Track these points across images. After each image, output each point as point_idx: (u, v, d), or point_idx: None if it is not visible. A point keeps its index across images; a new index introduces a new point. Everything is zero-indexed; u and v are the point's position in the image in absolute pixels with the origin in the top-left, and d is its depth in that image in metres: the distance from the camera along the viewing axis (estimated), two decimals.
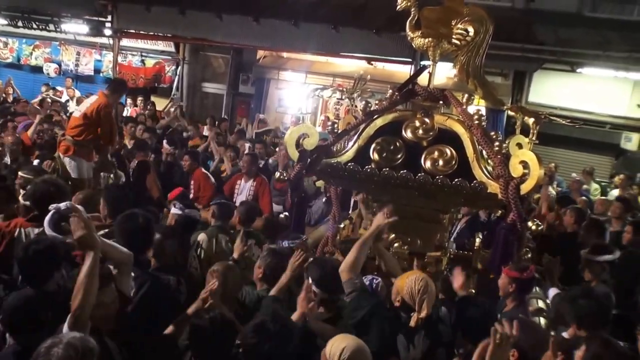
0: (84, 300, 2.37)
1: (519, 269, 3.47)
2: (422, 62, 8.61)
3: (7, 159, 5.95)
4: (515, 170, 3.39)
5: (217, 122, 10.85)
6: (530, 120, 3.68)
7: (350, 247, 3.97)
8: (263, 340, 2.46)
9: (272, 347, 2.45)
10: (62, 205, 3.16)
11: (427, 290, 3.01)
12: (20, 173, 4.67)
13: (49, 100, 10.91)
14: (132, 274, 3.19)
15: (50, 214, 3.14)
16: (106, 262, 2.76)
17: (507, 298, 3.51)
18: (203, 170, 6.93)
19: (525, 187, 3.34)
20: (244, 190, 6.60)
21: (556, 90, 11.07)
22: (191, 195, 6.66)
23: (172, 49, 13.22)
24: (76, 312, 2.37)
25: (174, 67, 13.33)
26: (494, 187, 3.51)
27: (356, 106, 9.42)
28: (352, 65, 11.24)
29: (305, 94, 11.93)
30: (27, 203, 3.83)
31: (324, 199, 6.44)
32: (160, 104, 12.43)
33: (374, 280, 3.51)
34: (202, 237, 4.43)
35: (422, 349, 3.02)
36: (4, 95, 11.76)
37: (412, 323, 3.00)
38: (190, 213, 4.55)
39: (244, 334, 2.54)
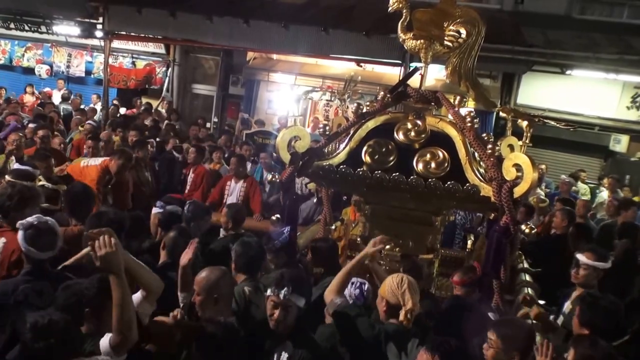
0: (122, 327, 2.29)
1: (467, 272, 3.59)
2: (412, 64, 8.62)
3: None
4: (509, 173, 3.38)
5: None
6: (524, 123, 3.67)
7: (321, 246, 4.03)
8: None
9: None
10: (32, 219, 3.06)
11: (406, 284, 3.02)
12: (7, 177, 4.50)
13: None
14: None
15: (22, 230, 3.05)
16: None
17: None
18: (207, 168, 6.95)
19: (518, 190, 3.33)
20: (234, 191, 6.61)
21: (545, 92, 11.13)
22: (186, 190, 6.88)
23: (162, 50, 13.19)
24: (118, 337, 2.30)
25: (164, 69, 13.30)
26: (486, 189, 3.50)
27: (347, 108, 9.46)
28: (342, 67, 11.25)
29: (295, 96, 11.93)
30: None
31: (314, 200, 6.46)
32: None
33: (364, 286, 3.43)
34: None
35: (415, 355, 2.95)
36: None
37: (402, 317, 2.99)
38: (172, 209, 4.51)
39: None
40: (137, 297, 2.56)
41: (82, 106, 11.42)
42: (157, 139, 8.44)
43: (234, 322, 2.90)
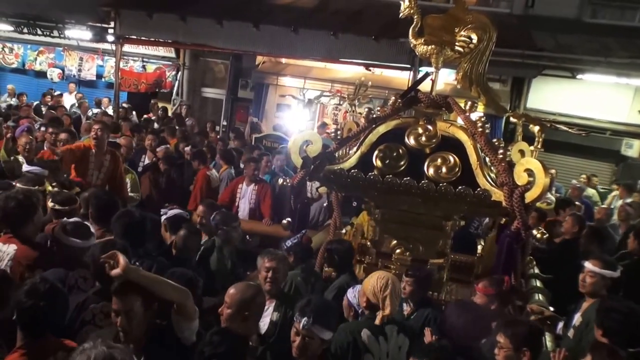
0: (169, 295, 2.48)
1: (495, 283, 3.48)
2: (421, 69, 8.62)
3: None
4: (520, 178, 3.38)
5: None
6: (535, 128, 3.66)
7: (338, 248, 3.99)
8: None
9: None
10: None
11: (389, 288, 3.04)
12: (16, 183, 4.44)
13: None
14: (136, 263, 3.23)
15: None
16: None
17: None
18: (208, 173, 6.97)
19: (530, 196, 3.33)
20: (246, 194, 6.64)
21: (555, 97, 11.06)
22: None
23: (172, 54, 13.30)
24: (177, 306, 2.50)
25: (174, 73, 13.41)
26: (498, 194, 3.50)
27: (354, 111, 9.45)
28: (351, 71, 11.26)
29: (305, 100, 11.95)
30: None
31: (324, 204, 6.46)
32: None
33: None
34: None
35: (398, 343, 3.01)
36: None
37: (377, 321, 3.04)
38: (177, 213, 4.53)
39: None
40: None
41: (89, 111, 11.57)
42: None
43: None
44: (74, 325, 2.75)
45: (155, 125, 10.35)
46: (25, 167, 5.18)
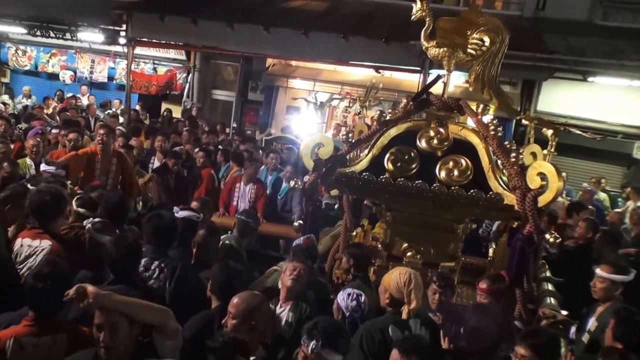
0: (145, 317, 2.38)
1: (496, 281, 3.50)
2: (431, 71, 8.61)
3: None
4: (533, 181, 3.36)
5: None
6: (549, 132, 3.64)
7: (357, 252, 3.98)
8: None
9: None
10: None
11: (413, 282, 3.08)
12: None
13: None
14: (162, 264, 3.28)
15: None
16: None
17: None
18: (212, 172, 7.06)
19: (543, 199, 3.31)
20: (244, 193, 6.74)
21: (566, 99, 10.99)
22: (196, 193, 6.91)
23: (183, 57, 13.39)
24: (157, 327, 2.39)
25: (185, 75, 13.49)
26: (510, 198, 3.49)
27: (365, 114, 9.40)
28: (360, 73, 11.28)
29: (317, 103, 11.97)
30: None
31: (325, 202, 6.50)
32: (173, 111, 12.61)
33: (360, 298, 3.32)
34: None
35: (421, 333, 3.07)
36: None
37: (404, 315, 3.07)
38: (187, 215, 4.56)
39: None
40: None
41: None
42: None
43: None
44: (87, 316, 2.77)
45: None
46: (43, 167, 5.20)
